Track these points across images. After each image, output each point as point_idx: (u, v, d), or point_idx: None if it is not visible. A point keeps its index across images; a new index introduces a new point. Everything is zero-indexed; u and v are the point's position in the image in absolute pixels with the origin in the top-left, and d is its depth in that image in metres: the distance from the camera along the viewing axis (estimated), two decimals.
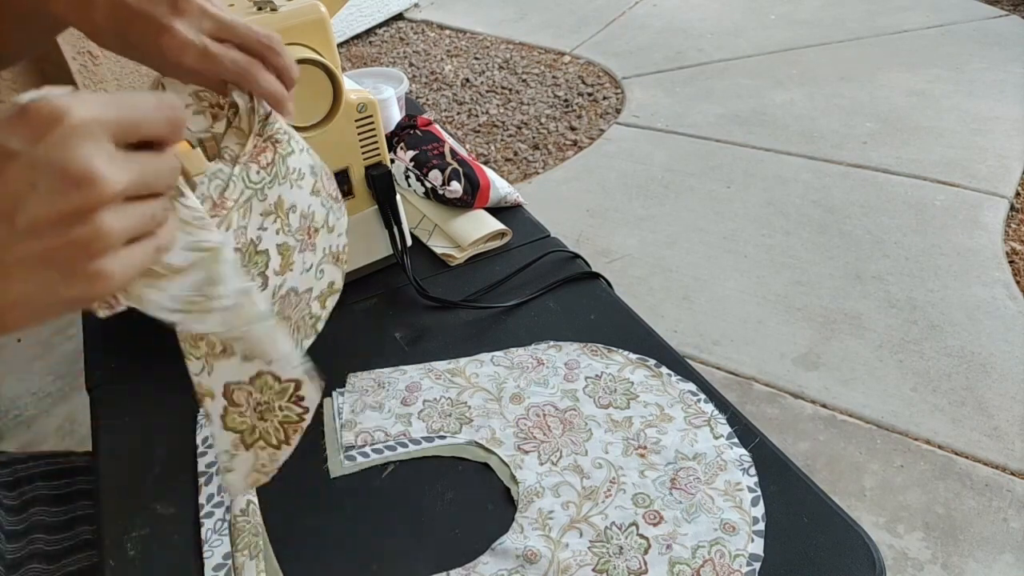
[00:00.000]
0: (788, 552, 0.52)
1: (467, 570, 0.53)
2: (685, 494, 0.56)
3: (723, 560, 0.52)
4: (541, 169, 2.39)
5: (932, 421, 1.47)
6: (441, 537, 0.55)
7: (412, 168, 0.90)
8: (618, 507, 0.56)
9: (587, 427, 0.62)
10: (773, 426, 1.49)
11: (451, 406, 0.66)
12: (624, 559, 0.52)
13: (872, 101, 2.55)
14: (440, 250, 0.85)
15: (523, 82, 2.92)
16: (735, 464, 0.58)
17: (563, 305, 0.77)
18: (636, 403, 0.64)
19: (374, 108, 0.72)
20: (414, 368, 0.70)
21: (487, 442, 0.62)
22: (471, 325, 0.75)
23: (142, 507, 0.60)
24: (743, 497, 0.56)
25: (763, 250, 1.95)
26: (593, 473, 0.59)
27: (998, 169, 2.15)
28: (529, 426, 0.63)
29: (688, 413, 0.63)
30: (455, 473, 0.60)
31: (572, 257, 0.83)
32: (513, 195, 0.92)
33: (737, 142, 2.40)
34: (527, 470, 0.59)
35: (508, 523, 0.56)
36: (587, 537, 0.54)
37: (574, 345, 0.71)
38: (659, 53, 3.02)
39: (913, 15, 3.10)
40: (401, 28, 3.51)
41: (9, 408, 1.68)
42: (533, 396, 0.66)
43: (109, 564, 0.55)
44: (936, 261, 1.86)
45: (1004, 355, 1.59)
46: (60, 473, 0.78)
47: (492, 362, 0.70)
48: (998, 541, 1.27)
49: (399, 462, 0.62)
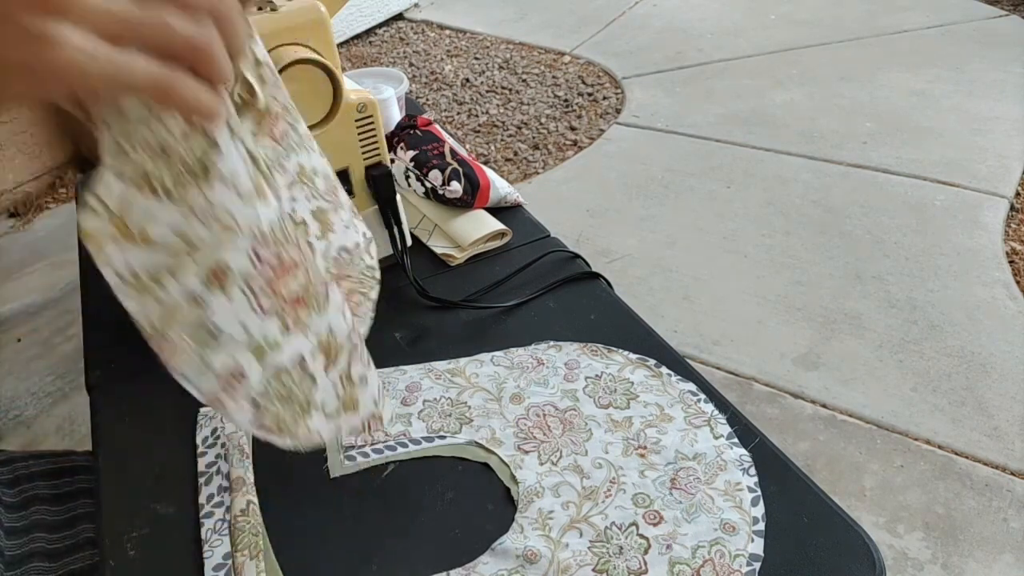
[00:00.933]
0: (788, 552, 0.52)
1: (467, 570, 0.53)
2: (685, 494, 0.56)
3: (723, 560, 0.52)
4: (541, 169, 2.39)
5: (932, 421, 1.47)
6: (441, 537, 0.55)
7: (412, 168, 0.90)
8: (618, 507, 0.56)
9: (587, 427, 0.62)
10: (773, 426, 1.49)
11: (451, 406, 0.66)
12: (624, 559, 0.52)
13: (872, 101, 2.55)
14: (440, 250, 0.85)
15: (523, 82, 2.92)
16: (735, 464, 0.58)
17: (563, 305, 0.77)
18: (636, 403, 0.64)
19: (374, 108, 0.72)
20: (414, 368, 0.70)
21: (487, 442, 0.62)
22: (471, 325, 0.75)
23: (142, 507, 0.60)
24: (743, 497, 0.56)
25: (763, 250, 1.95)
26: (593, 473, 0.59)
27: (998, 169, 2.15)
28: (529, 426, 0.63)
29: (688, 413, 0.63)
30: (455, 473, 0.60)
31: (572, 257, 0.83)
32: (513, 195, 0.92)
33: (737, 142, 2.40)
34: (527, 470, 0.59)
35: (508, 523, 0.56)
36: (587, 537, 0.54)
37: (574, 345, 0.71)
38: (659, 53, 3.02)
39: (913, 15, 3.10)
40: (401, 28, 3.51)
41: (9, 408, 1.68)
42: (533, 396, 0.66)
43: (109, 564, 0.55)
44: (936, 261, 1.86)
45: (1004, 355, 1.59)
46: (60, 472, 0.78)
47: (492, 362, 0.70)
48: (998, 541, 1.27)
49: (399, 462, 0.62)
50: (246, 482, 0.60)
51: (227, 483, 0.60)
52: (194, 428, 0.66)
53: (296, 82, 0.63)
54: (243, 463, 0.61)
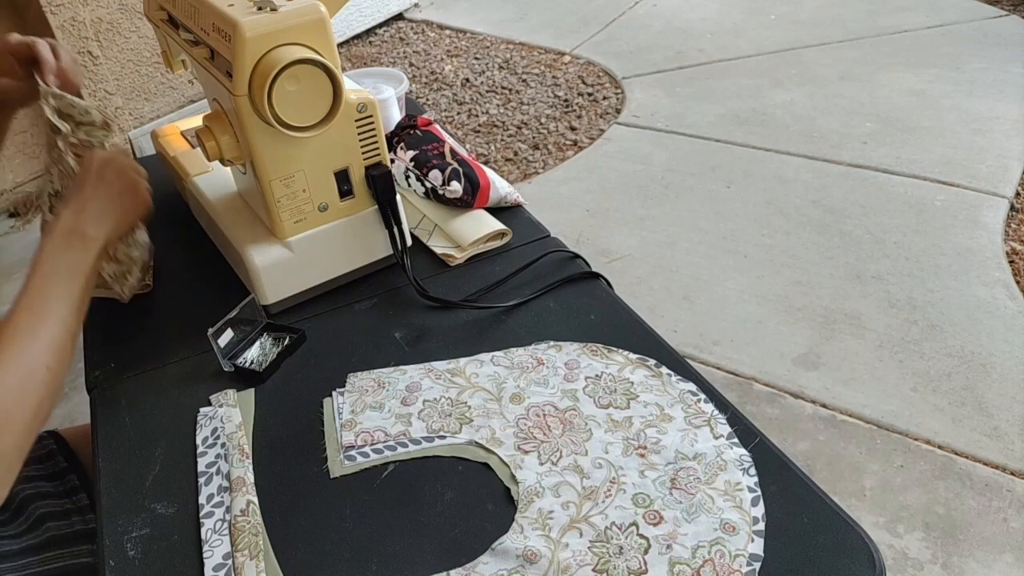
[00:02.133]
0: (788, 552, 0.52)
1: (467, 570, 0.53)
2: (685, 494, 0.56)
3: (723, 560, 0.52)
4: (541, 169, 2.39)
5: (932, 421, 1.47)
6: (441, 537, 0.55)
7: (412, 168, 0.90)
8: (618, 507, 0.56)
9: (587, 427, 0.62)
10: (773, 426, 1.49)
11: (451, 406, 0.65)
12: (624, 559, 0.52)
13: (872, 101, 2.54)
14: (440, 250, 0.85)
15: (523, 82, 2.92)
16: (735, 464, 0.58)
17: (563, 305, 0.77)
18: (636, 403, 0.64)
19: (374, 108, 0.72)
20: (414, 368, 0.70)
21: (487, 442, 0.62)
22: (471, 325, 0.75)
23: (142, 507, 0.60)
24: (743, 497, 0.56)
25: (763, 250, 1.95)
26: (593, 473, 0.59)
27: (998, 169, 2.15)
28: (529, 426, 0.63)
29: (688, 413, 0.63)
30: (455, 473, 0.60)
31: (572, 257, 0.83)
32: (513, 195, 0.92)
33: (737, 142, 2.40)
34: (527, 470, 0.59)
35: (508, 523, 0.56)
36: (587, 537, 0.54)
37: (574, 345, 0.71)
38: (659, 53, 3.02)
39: (913, 15, 3.10)
40: (401, 28, 3.51)
41: None
42: (533, 396, 0.66)
43: (109, 564, 0.55)
44: (936, 261, 1.86)
45: (1004, 355, 1.59)
46: (50, 455, 0.81)
47: (492, 362, 0.70)
48: (998, 541, 1.27)
49: (399, 462, 0.62)
50: (246, 482, 0.60)
51: (227, 483, 0.60)
52: (194, 428, 0.66)
53: (296, 82, 0.63)
54: (243, 463, 0.61)
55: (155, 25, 0.84)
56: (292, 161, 0.71)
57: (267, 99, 0.62)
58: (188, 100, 2.62)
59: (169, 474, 0.62)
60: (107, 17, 2.26)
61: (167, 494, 0.60)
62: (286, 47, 0.63)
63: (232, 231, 0.78)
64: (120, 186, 0.69)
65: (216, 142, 0.70)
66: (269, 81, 0.61)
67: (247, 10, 0.63)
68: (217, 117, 0.71)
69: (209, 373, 0.72)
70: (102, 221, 0.67)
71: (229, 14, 0.63)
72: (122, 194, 0.70)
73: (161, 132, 0.99)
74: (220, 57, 0.66)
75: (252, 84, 0.63)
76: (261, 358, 0.72)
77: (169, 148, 0.95)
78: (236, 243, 0.76)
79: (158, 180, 1.06)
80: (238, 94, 0.64)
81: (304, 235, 0.75)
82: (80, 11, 2.18)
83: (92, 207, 0.67)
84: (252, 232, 0.77)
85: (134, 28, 2.34)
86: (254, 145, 0.68)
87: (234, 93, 0.64)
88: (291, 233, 0.74)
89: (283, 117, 0.64)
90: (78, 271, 0.63)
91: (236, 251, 0.76)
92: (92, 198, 0.67)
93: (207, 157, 0.71)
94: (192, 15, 0.71)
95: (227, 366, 0.71)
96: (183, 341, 0.75)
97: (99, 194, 0.68)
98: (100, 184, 0.68)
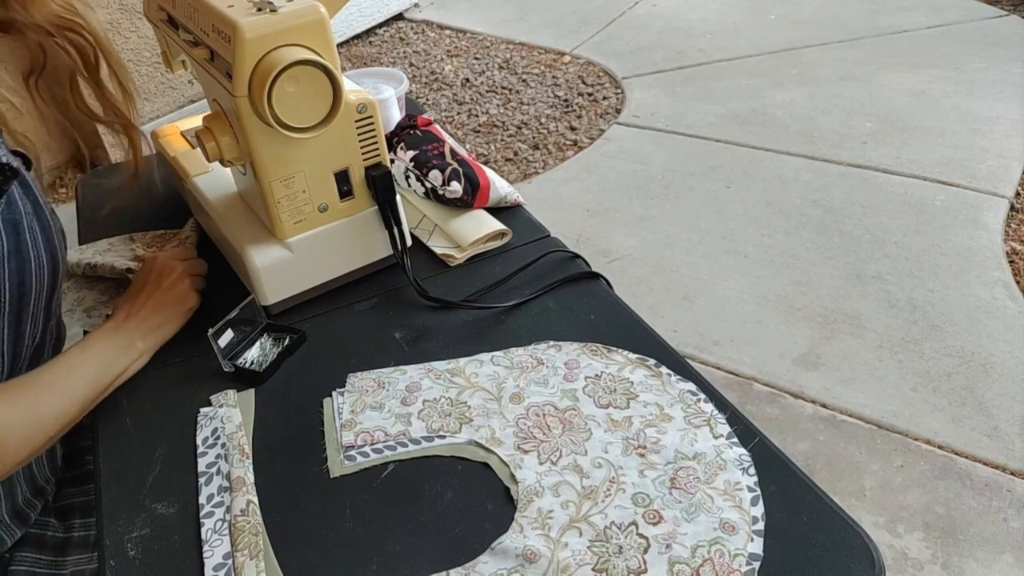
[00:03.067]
0: (788, 552, 0.52)
1: (467, 570, 0.53)
2: (685, 493, 0.56)
3: (723, 559, 0.52)
4: (541, 169, 2.40)
5: (932, 421, 1.47)
6: (441, 537, 0.56)
7: (412, 168, 0.90)
8: (618, 506, 0.56)
9: (587, 427, 0.63)
10: (773, 426, 1.49)
11: (451, 406, 0.66)
12: (624, 558, 0.52)
13: (872, 101, 2.54)
14: (440, 250, 0.85)
15: (523, 82, 2.92)
16: (735, 464, 0.58)
17: (563, 305, 0.77)
18: (636, 403, 0.64)
19: (374, 108, 0.72)
20: (414, 368, 0.70)
21: (487, 442, 0.62)
22: (471, 325, 0.75)
23: (142, 507, 0.60)
24: (743, 497, 0.56)
25: (763, 250, 1.95)
26: (593, 473, 0.59)
27: (998, 169, 2.15)
28: (529, 426, 0.63)
29: (688, 413, 0.63)
30: (455, 473, 0.60)
31: (572, 257, 0.83)
32: (513, 195, 0.92)
33: (737, 142, 2.40)
34: (527, 470, 0.59)
35: (508, 523, 0.56)
36: (587, 536, 0.54)
37: (574, 345, 0.71)
38: (659, 53, 3.02)
39: (913, 15, 3.10)
40: (401, 28, 3.51)
41: None
42: (533, 396, 0.66)
43: (109, 564, 0.55)
44: (936, 261, 1.86)
45: (1004, 355, 1.59)
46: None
47: (492, 362, 0.70)
48: (998, 541, 1.27)
49: (399, 462, 0.62)
50: (246, 482, 0.60)
51: (227, 483, 0.60)
52: (194, 428, 0.66)
53: (296, 83, 0.63)
54: (243, 463, 0.61)
55: (155, 26, 0.84)
56: (292, 162, 0.71)
57: (267, 100, 0.63)
58: (188, 100, 2.62)
59: (169, 474, 0.62)
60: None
61: (167, 494, 0.61)
62: (286, 48, 0.63)
63: (232, 231, 0.78)
64: (175, 294, 0.75)
65: (216, 143, 0.70)
66: (269, 82, 0.61)
67: (247, 11, 0.63)
68: (217, 118, 0.71)
69: (209, 373, 0.72)
70: (150, 334, 0.72)
71: (229, 15, 0.63)
72: (176, 301, 0.75)
73: (161, 132, 0.99)
74: (220, 58, 0.66)
75: (252, 85, 0.63)
76: (261, 358, 0.73)
77: (169, 148, 0.95)
78: (236, 243, 0.76)
79: (158, 180, 1.07)
80: (238, 95, 0.64)
81: (304, 235, 0.75)
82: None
83: (145, 313, 0.72)
84: (252, 232, 0.77)
85: (134, 28, 2.34)
86: (254, 146, 0.68)
87: (234, 94, 0.64)
88: (291, 234, 0.75)
89: (283, 118, 0.64)
90: (112, 369, 0.68)
91: (236, 251, 0.76)
92: (146, 304, 0.73)
93: (207, 158, 0.71)
94: (192, 16, 0.71)
95: (227, 366, 0.71)
96: (183, 341, 0.75)
97: (152, 301, 0.73)
98: (156, 290, 0.74)
